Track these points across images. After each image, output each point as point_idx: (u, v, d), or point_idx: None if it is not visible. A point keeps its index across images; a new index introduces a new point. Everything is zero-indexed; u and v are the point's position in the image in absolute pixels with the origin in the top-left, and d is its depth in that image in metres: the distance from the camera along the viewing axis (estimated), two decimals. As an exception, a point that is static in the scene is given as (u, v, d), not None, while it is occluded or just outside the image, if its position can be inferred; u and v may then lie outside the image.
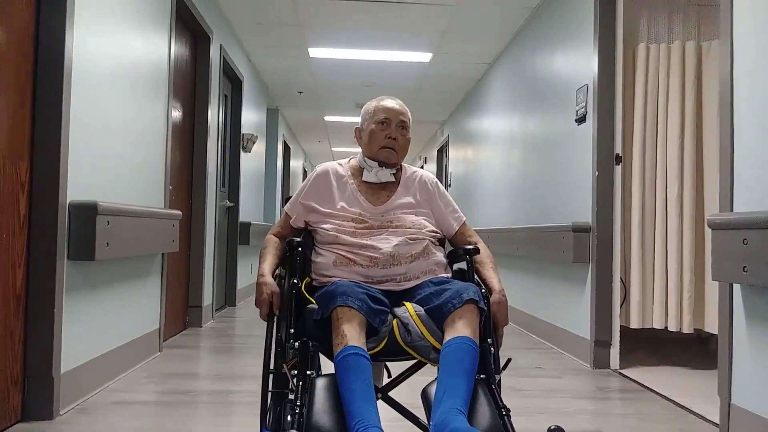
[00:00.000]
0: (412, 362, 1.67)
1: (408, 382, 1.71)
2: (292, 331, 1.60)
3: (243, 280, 6.07)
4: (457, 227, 1.95)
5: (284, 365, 1.57)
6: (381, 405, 1.49)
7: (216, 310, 5.04)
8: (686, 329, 3.39)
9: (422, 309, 1.64)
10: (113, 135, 2.81)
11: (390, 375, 1.77)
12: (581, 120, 3.72)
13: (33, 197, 2.26)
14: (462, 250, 1.86)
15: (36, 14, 2.29)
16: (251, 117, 6.30)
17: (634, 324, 3.47)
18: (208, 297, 4.68)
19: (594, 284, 3.48)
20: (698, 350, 4.00)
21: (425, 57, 6.01)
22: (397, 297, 1.73)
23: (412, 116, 2.00)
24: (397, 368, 1.73)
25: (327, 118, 9.31)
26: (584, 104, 3.66)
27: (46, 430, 2.20)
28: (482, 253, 1.86)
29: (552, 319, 4.19)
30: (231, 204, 5.53)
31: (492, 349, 1.62)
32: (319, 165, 1.99)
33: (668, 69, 3.50)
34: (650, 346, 4.06)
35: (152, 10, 3.30)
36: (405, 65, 6.29)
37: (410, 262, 1.76)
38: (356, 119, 3.16)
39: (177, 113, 4.00)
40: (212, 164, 4.65)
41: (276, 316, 1.68)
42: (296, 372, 1.50)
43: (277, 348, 1.64)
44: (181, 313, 4.30)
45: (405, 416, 1.66)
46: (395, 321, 1.62)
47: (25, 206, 2.24)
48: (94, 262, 2.60)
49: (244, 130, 5.82)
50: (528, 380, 3.14)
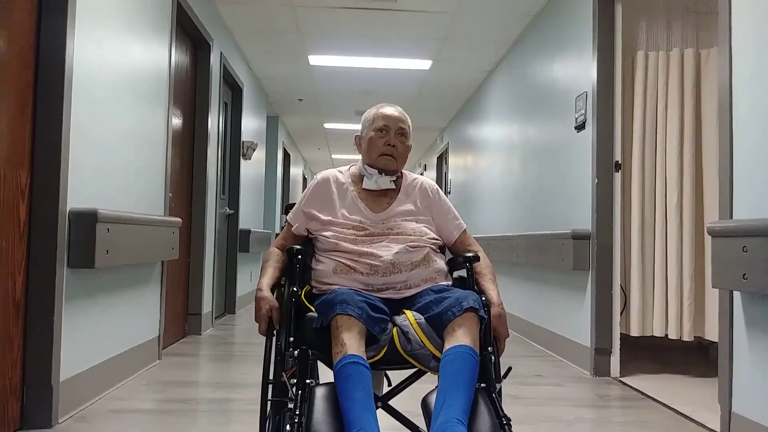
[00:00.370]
0: (413, 371, 1.66)
1: (408, 391, 1.70)
2: (292, 340, 1.60)
3: (243, 288, 6.06)
4: (458, 235, 1.95)
5: (283, 374, 1.56)
6: (381, 414, 1.48)
7: (216, 318, 5.03)
8: (686, 337, 3.38)
9: (422, 317, 1.63)
10: (113, 142, 2.81)
11: (390, 383, 1.77)
12: (581, 127, 3.73)
13: (33, 204, 2.26)
14: (462, 258, 1.85)
15: (37, 22, 2.30)
16: (251, 124, 6.31)
17: (635, 332, 3.46)
18: (208, 305, 4.67)
19: (594, 292, 3.47)
20: (698, 358, 3.99)
21: (425, 64, 6.02)
22: (397, 305, 1.72)
23: (412, 123, 2.00)
24: (398, 377, 1.72)
25: (327, 126, 9.32)
26: (583, 111, 3.67)
27: (45, 439, 2.20)
28: (482, 263, 1.85)
29: (552, 327, 4.19)
30: (231, 211, 5.53)
31: (492, 358, 1.61)
32: (320, 173, 1.98)
33: (667, 76, 3.51)
34: (650, 354, 4.06)
35: (153, 18, 3.31)
36: (405, 73, 6.31)
37: (410, 270, 1.75)
38: (356, 127, 3.17)
39: (177, 120, 4.01)
40: (212, 171, 4.65)
41: (275, 330, 1.68)
42: (295, 381, 1.50)
43: (277, 356, 1.64)
44: (181, 321, 4.29)
45: (405, 425, 1.65)
46: (395, 329, 1.62)
47: (25, 213, 2.24)
48: (94, 270, 2.59)
49: (244, 138, 5.83)
50: (528, 388, 3.14)
